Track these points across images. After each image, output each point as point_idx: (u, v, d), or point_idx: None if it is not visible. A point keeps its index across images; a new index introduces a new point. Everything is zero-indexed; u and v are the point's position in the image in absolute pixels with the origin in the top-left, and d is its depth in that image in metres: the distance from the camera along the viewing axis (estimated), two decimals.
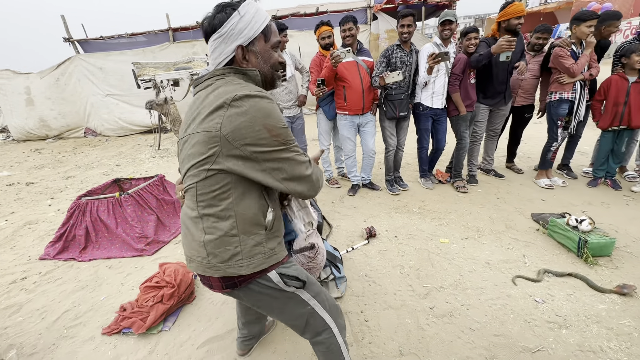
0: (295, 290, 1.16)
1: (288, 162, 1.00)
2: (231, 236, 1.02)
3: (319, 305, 1.23)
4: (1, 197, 4.80)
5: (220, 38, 1.02)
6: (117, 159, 6.71)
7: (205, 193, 1.01)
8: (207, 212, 1.02)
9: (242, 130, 0.93)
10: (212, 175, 0.98)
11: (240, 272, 1.04)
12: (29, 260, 2.92)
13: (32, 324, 2.14)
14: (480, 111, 3.50)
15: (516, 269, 2.29)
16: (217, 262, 1.04)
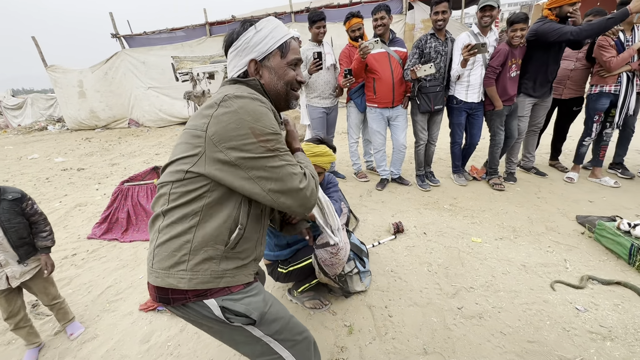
0: (242, 325, 0.98)
1: (277, 171, 0.91)
2: (183, 242, 0.91)
3: (275, 342, 1.03)
4: (57, 181, 5.28)
5: (235, 51, 1.04)
6: (156, 148, 7.11)
7: (177, 193, 0.93)
8: (171, 210, 0.93)
9: (228, 132, 0.87)
10: (190, 177, 0.91)
11: (179, 285, 0.91)
12: (78, 238, 3.19)
13: (80, 296, 2.35)
14: (525, 105, 3.25)
15: (556, 273, 2.13)
16: (158, 268, 0.93)
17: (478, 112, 3.26)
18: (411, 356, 1.63)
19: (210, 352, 1.76)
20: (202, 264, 0.92)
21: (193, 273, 0.91)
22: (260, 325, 1.00)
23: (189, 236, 0.91)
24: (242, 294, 0.98)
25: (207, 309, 0.94)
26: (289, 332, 1.07)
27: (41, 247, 1.79)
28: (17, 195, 1.68)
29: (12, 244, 1.65)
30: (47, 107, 12.76)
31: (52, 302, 1.91)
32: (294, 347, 1.08)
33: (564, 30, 2.74)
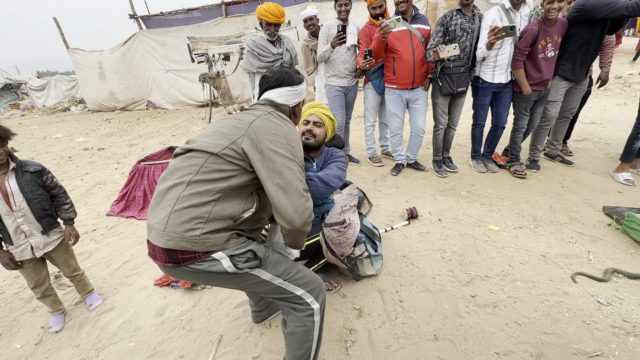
0: (249, 271, 1.09)
1: (289, 172, 1.07)
2: (201, 212, 1.02)
3: (287, 283, 1.18)
4: (78, 159, 5.45)
5: (294, 91, 1.36)
6: (173, 129, 7.20)
7: (209, 168, 1.06)
8: (197, 182, 1.05)
9: (268, 129, 1.11)
10: (227, 154, 1.07)
11: (193, 248, 1.01)
12: (98, 215, 3.30)
13: (99, 269, 2.44)
14: (559, 89, 2.99)
15: (578, 265, 2.04)
16: (172, 231, 1.00)
17: (506, 90, 3.04)
18: (421, 342, 1.61)
19: (221, 328, 1.79)
20: (214, 233, 1.03)
21: (205, 239, 1.02)
22: (265, 266, 1.13)
23: (208, 208, 1.03)
24: (246, 244, 1.11)
25: (216, 263, 1.05)
26: (297, 273, 1.21)
27: (65, 219, 1.86)
28: (38, 167, 1.73)
29: (36, 215, 1.71)
30: (69, 89, 13.11)
31: (73, 273, 1.98)
32: (307, 286, 1.22)
33: (617, 5, 2.43)
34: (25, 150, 6.37)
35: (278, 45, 3.07)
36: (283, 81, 1.35)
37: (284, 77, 1.35)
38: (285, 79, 1.35)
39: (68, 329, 1.91)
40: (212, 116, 7.55)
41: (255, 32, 6.81)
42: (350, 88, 3.50)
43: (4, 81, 15.31)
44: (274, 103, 1.32)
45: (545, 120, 3.19)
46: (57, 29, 9.96)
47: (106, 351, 1.73)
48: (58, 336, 1.86)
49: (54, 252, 1.85)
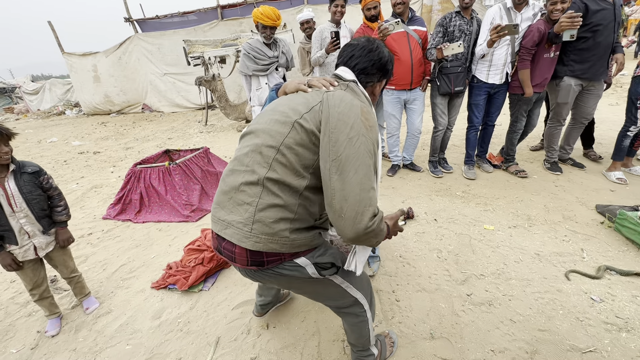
0: (328, 276, 1.12)
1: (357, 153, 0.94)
2: (289, 212, 0.97)
3: (351, 286, 1.21)
4: (74, 163, 5.42)
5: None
6: (169, 132, 7.18)
7: (287, 155, 0.96)
8: (275, 178, 0.96)
9: (343, 100, 1.01)
10: (304, 131, 0.96)
11: (282, 249, 0.99)
12: (94, 218, 3.29)
13: (95, 273, 2.43)
14: (571, 90, 2.93)
15: (571, 263, 2.06)
16: (260, 233, 0.96)
17: (501, 91, 3.06)
18: (417, 340, 1.62)
19: (219, 329, 1.80)
20: (301, 232, 1.02)
21: (294, 240, 1.00)
22: (341, 271, 1.14)
23: (294, 208, 0.98)
24: (324, 248, 1.09)
25: (299, 268, 1.04)
26: (358, 276, 1.17)
27: (57, 222, 1.85)
28: (36, 168, 1.74)
29: (36, 215, 1.72)
30: (64, 92, 13.03)
31: (70, 275, 1.98)
32: (363, 289, 1.25)
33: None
34: (20, 154, 6.32)
35: (274, 48, 3.09)
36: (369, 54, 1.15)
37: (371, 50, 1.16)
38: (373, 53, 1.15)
39: (64, 332, 1.90)
40: (208, 119, 7.55)
41: (251, 35, 6.83)
42: None
43: None
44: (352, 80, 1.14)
45: (558, 121, 3.15)
46: (52, 33, 9.92)
47: (103, 354, 1.73)
48: (54, 340, 1.85)
49: (53, 252, 1.86)
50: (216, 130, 6.94)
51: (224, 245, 1.04)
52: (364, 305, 1.27)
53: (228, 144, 5.69)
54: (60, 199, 1.86)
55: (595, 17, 2.67)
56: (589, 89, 2.97)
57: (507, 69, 2.94)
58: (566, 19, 2.49)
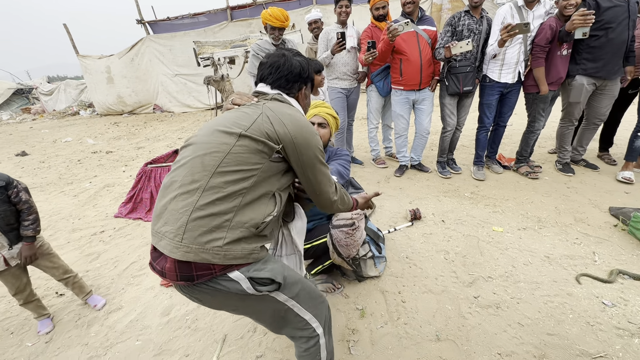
0: (268, 293, 1.03)
1: (323, 177, 1.15)
2: (224, 220, 0.93)
3: (298, 305, 1.10)
4: (88, 162, 5.55)
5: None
6: (179, 132, 7.29)
7: (230, 163, 0.97)
8: (214, 185, 0.95)
9: (286, 114, 1.09)
10: (252, 142, 0.99)
11: (213, 260, 0.92)
12: (106, 217, 3.36)
13: (107, 270, 2.49)
14: (583, 89, 2.87)
15: (582, 266, 2.02)
16: (191, 242, 0.91)
17: (513, 91, 3.01)
18: (423, 342, 1.62)
19: (225, 327, 1.82)
20: (237, 243, 0.95)
21: (228, 250, 0.93)
22: (284, 288, 1.05)
23: (230, 215, 0.94)
24: (262, 263, 1.02)
25: (233, 283, 0.96)
26: (308, 294, 1.13)
27: (23, 235, 1.75)
28: (2, 183, 1.67)
29: (1, 230, 1.68)
30: (78, 93, 13.35)
31: (64, 275, 1.99)
32: (315, 309, 1.15)
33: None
34: (36, 154, 6.51)
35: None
36: (281, 71, 1.19)
37: (281, 65, 1.19)
38: (284, 69, 1.18)
39: (77, 327, 1.95)
40: None
41: (260, 36, 6.87)
42: (352, 90, 3.52)
43: (16, 86, 15.65)
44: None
45: (569, 121, 3.10)
46: (67, 35, 10.18)
47: (114, 349, 1.77)
48: (67, 335, 1.90)
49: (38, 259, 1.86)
50: None
51: (158, 260, 0.98)
52: (316, 329, 1.15)
53: None
54: (30, 212, 1.75)
55: (607, 15, 2.61)
56: (602, 88, 2.90)
57: (520, 68, 2.90)
58: (578, 17, 2.45)
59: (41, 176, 4.96)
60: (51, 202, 3.93)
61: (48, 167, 5.43)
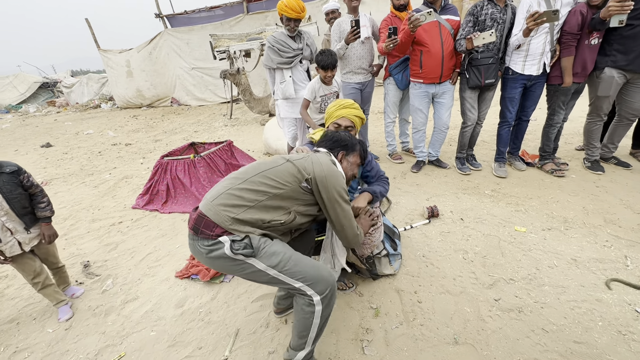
0: (245, 259, 1.20)
1: (348, 222, 1.40)
2: (244, 205, 1.24)
3: (283, 275, 1.23)
4: (108, 154, 5.70)
5: None
6: (195, 126, 7.38)
7: (272, 173, 1.30)
8: (253, 181, 1.28)
9: (330, 173, 1.36)
10: (293, 166, 1.33)
11: (219, 221, 1.20)
12: (124, 208, 3.44)
13: (124, 260, 2.54)
14: (613, 82, 2.69)
15: (613, 271, 1.90)
16: (215, 205, 1.23)
17: (538, 83, 2.85)
18: (440, 345, 1.56)
19: (238, 321, 1.82)
20: (242, 223, 1.22)
21: (232, 222, 1.21)
22: (260, 257, 1.21)
23: (249, 204, 1.24)
24: (249, 238, 1.23)
25: (220, 245, 1.19)
26: (295, 266, 1.24)
27: (41, 217, 1.89)
28: (14, 168, 1.77)
29: (17, 213, 1.77)
30: (99, 87, 13.74)
31: (58, 265, 2.10)
32: (309, 280, 1.25)
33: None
34: (60, 145, 6.74)
35: (298, 40, 3.05)
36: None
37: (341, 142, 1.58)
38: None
39: (95, 315, 2.00)
40: (232, 112, 7.67)
41: (275, 28, 6.82)
42: (366, 84, 3.42)
43: (42, 80, 16.26)
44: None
45: (598, 115, 2.93)
46: (89, 29, 10.43)
47: (129, 339, 1.80)
48: (86, 323, 1.95)
49: (41, 245, 1.94)
50: (240, 123, 7.05)
51: (193, 213, 1.29)
52: (312, 297, 1.25)
53: (251, 137, 5.76)
54: (43, 195, 1.89)
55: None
56: (635, 81, 2.71)
57: (546, 59, 2.73)
58: (615, 3, 2.27)
59: (64, 167, 5.13)
60: (73, 192, 4.06)
61: (71, 158, 5.61)
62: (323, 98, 2.78)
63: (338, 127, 1.85)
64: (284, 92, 3.08)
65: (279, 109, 3.25)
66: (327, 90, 2.77)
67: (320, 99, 2.77)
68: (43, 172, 5.00)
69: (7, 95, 14.80)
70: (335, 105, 1.88)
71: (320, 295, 1.26)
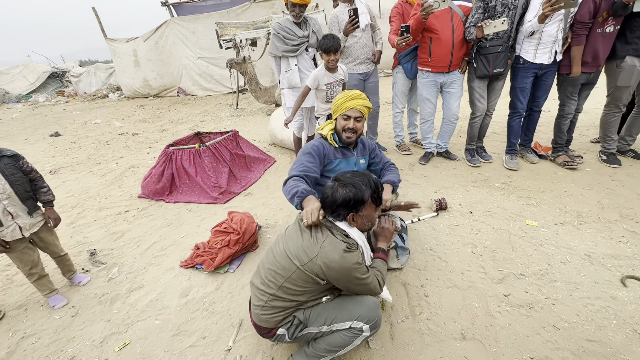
0: (301, 333, 1.36)
1: (365, 289, 1.35)
2: (280, 311, 1.35)
3: (334, 325, 1.34)
4: (115, 144, 5.72)
5: None
6: (201, 116, 7.35)
7: (293, 283, 1.32)
8: (280, 295, 1.34)
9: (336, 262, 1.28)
10: (306, 276, 1.30)
11: (268, 325, 1.36)
12: (131, 197, 3.45)
13: (130, 249, 2.55)
14: (634, 71, 2.58)
15: (629, 267, 1.83)
16: (260, 320, 1.37)
17: (550, 72, 2.74)
18: (447, 340, 1.52)
19: (242, 312, 1.81)
20: (287, 318, 1.37)
21: (281, 323, 1.38)
22: (310, 324, 1.36)
23: (287, 309, 1.35)
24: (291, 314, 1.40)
25: (282, 337, 1.39)
26: (341, 312, 1.36)
27: (44, 202, 1.92)
28: (14, 152, 1.79)
29: (20, 197, 1.78)
30: (107, 77, 13.76)
31: (61, 253, 2.08)
32: (356, 315, 1.34)
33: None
34: (68, 135, 6.79)
35: (304, 27, 2.96)
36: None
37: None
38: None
39: (101, 303, 2.01)
40: (239, 102, 7.62)
41: (282, 16, 6.69)
42: (370, 74, 3.31)
43: (51, 70, 16.34)
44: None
45: (616, 107, 2.81)
46: (96, 19, 10.39)
47: (134, 327, 1.80)
48: (92, 310, 1.96)
49: (42, 233, 1.94)
50: (246, 113, 7.00)
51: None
52: (362, 329, 1.32)
53: (257, 127, 5.71)
54: (43, 180, 1.93)
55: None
56: None
57: (557, 47, 2.61)
58: None
59: (72, 156, 5.16)
60: (80, 181, 4.08)
61: (78, 147, 5.65)
62: (328, 86, 2.71)
63: (348, 119, 1.80)
64: (289, 81, 3.01)
65: (285, 98, 3.19)
66: (332, 78, 2.69)
67: (325, 87, 2.70)
68: (52, 160, 5.04)
69: (17, 84, 14.92)
70: (343, 97, 1.83)
71: (369, 324, 1.32)
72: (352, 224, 1.36)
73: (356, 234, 1.37)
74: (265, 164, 3.79)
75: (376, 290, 1.35)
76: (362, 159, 1.96)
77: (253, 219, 2.43)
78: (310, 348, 1.38)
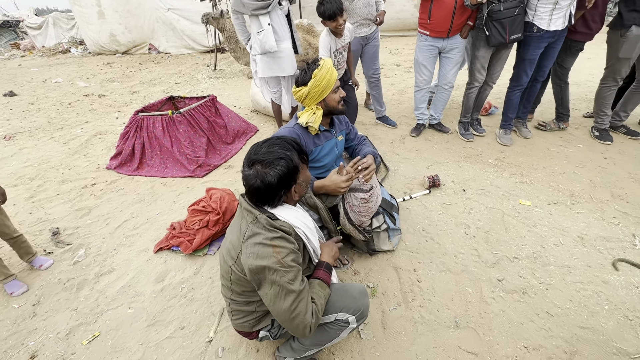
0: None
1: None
2: (247, 314, 1.23)
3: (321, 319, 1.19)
4: (79, 106, 5.19)
5: None
6: (176, 77, 6.77)
7: (238, 291, 1.19)
8: (235, 301, 1.22)
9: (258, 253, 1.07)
10: (235, 270, 1.14)
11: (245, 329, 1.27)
12: (98, 168, 3.14)
13: (98, 227, 2.33)
14: (639, 43, 2.44)
15: (620, 250, 1.81)
16: (235, 322, 1.28)
17: (559, 39, 2.54)
18: (440, 328, 1.47)
19: (223, 300, 1.68)
20: (262, 320, 1.26)
21: (256, 326, 1.27)
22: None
23: (254, 312, 1.23)
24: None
25: (266, 339, 1.32)
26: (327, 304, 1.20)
27: None
28: None
29: None
30: (69, 28, 12.35)
31: (14, 234, 1.86)
32: (340, 308, 1.19)
33: None
34: (25, 95, 6.11)
35: None
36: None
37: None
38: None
39: (66, 290, 1.83)
40: (217, 63, 7.04)
41: None
42: (371, 37, 3.00)
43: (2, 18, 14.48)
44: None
45: (614, 80, 2.70)
46: None
47: (104, 317, 1.65)
48: (56, 297, 1.79)
49: None
50: (225, 76, 6.49)
51: None
52: (349, 320, 1.18)
53: (238, 91, 5.30)
54: None
55: None
56: None
57: (572, 8, 2.40)
58: None
59: (30, 119, 4.65)
60: (40, 148, 3.69)
61: (37, 109, 5.09)
62: (335, 54, 2.42)
63: (337, 89, 1.61)
64: (262, 45, 2.55)
65: (256, 66, 2.76)
66: (339, 44, 2.40)
67: (333, 55, 2.41)
68: (7, 124, 4.53)
69: None
70: (326, 73, 1.56)
71: (354, 314, 1.18)
72: (294, 196, 1.14)
73: (290, 213, 1.12)
74: (247, 134, 3.51)
75: (303, 321, 1.01)
76: (340, 135, 1.81)
77: (234, 196, 2.24)
78: (296, 342, 1.27)
